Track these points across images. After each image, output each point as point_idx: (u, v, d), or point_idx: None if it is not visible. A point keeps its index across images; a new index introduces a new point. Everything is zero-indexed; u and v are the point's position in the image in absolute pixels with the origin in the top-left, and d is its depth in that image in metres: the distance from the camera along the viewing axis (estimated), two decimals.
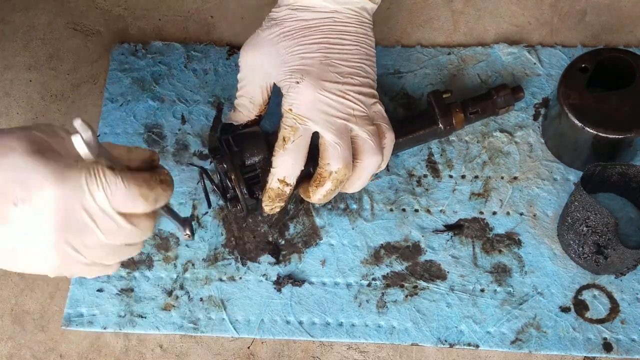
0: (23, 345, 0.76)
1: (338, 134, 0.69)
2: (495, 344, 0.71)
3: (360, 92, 0.71)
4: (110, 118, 0.84)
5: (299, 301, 0.74)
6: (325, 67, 0.71)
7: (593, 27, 0.85)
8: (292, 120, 0.69)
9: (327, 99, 0.69)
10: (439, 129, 0.76)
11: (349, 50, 0.72)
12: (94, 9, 0.92)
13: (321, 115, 0.69)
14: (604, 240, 0.69)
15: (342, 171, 0.69)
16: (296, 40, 0.72)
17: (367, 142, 0.70)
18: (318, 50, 0.72)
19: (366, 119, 0.71)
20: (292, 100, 0.70)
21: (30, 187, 0.51)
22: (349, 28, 0.73)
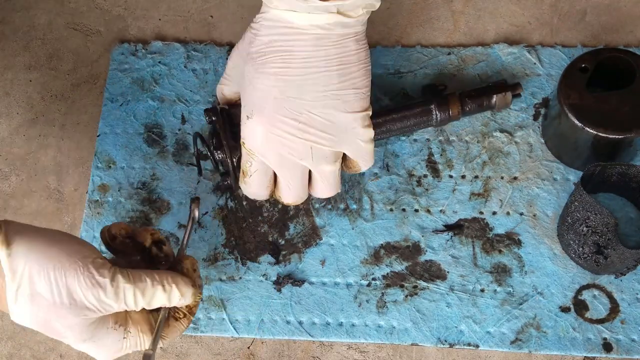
0: (23, 345, 0.76)
1: (289, 175, 0.67)
2: (495, 344, 0.71)
3: (325, 124, 0.66)
4: (110, 118, 0.84)
5: (298, 301, 0.74)
6: (279, 102, 0.65)
7: (593, 27, 0.85)
8: (246, 154, 0.68)
9: (279, 137, 0.65)
10: (435, 117, 0.76)
11: (316, 78, 0.66)
12: (94, 9, 0.92)
13: (273, 151, 0.66)
14: (604, 240, 0.69)
15: (292, 204, 0.72)
16: (256, 65, 0.67)
17: (318, 182, 0.69)
18: (275, 84, 0.66)
19: (326, 157, 0.67)
20: (244, 134, 0.68)
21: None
22: (318, 52, 0.65)
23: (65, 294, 0.57)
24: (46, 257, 0.57)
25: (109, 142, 0.83)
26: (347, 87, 0.67)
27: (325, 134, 0.66)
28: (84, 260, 0.58)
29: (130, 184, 0.81)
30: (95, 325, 0.60)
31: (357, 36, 0.67)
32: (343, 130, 0.67)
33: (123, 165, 0.81)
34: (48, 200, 0.82)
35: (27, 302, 0.57)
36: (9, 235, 0.57)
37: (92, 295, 0.58)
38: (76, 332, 0.59)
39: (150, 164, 0.81)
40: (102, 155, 0.82)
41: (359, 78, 0.68)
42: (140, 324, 0.63)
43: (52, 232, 0.60)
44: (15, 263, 0.56)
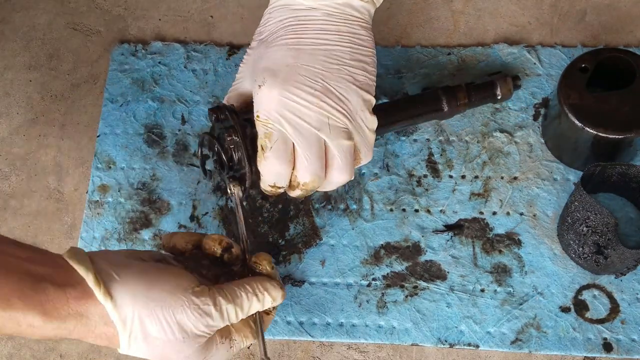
0: (23, 345, 0.76)
1: (307, 145, 0.64)
2: (495, 344, 0.71)
3: (341, 99, 0.65)
4: (110, 118, 0.84)
5: (299, 301, 0.74)
6: (293, 69, 0.64)
7: (593, 27, 0.85)
8: (262, 126, 0.64)
9: (294, 103, 0.63)
10: (443, 107, 0.76)
11: (329, 50, 0.65)
12: (94, 9, 0.92)
13: (289, 119, 0.63)
14: (604, 240, 0.69)
15: (309, 184, 0.66)
16: (267, 43, 0.67)
17: (335, 158, 0.65)
18: (287, 53, 0.65)
19: (343, 131, 0.65)
20: (257, 105, 0.64)
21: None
22: (329, 26, 0.65)
23: (177, 329, 0.59)
24: (151, 300, 0.58)
25: (109, 143, 0.83)
26: (358, 67, 0.66)
27: (341, 108, 0.64)
28: (185, 294, 0.60)
29: (130, 184, 0.81)
30: (206, 346, 0.62)
31: (365, 24, 0.67)
32: (354, 109, 0.65)
33: (123, 166, 0.81)
34: (48, 200, 0.82)
35: (141, 346, 0.59)
36: (106, 284, 0.58)
37: (201, 324, 0.60)
38: (192, 358, 0.62)
39: (150, 165, 0.81)
40: (102, 156, 0.82)
41: (368, 64, 0.67)
42: (242, 330, 0.66)
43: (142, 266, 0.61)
44: (123, 312, 0.58)
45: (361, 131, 0.66)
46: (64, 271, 0.57)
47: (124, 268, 0.60)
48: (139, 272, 0.60)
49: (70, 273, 0.57)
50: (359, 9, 0.66)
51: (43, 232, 0.80)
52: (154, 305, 0.58)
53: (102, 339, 0.58)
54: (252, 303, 0.63)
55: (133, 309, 0.58)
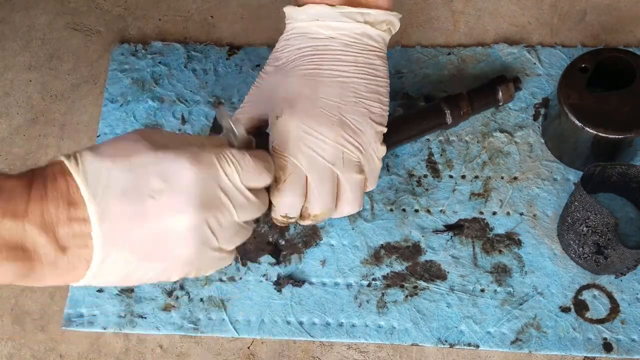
0: (23, 345, 0.76)
1: (320, 179, 0.63)
2: (495, 344, 0.71)
3: (355, 132, 0.64)
4: (110, 118, 0.84)
5: (299, 301, 0.74)
6: (311, 101, 0.63)
7: (593, 27, 0.85)
8: (278, 159, 0.63)
9: (310, 137, 0.63)
10: (447, 120, 0.76)
11: (346, 83, 0.65)
12: (94, 9, 0.92)
13: (304, 152, 0.63)
14: (604, 241, 0.69)
15: (319, 217, 0.65)
16: (286, 71, 0.66)
17: (346, 192, 0.65)
18: (306, 83, 0.64)
19: (355, 165, 0.65)
20: (274, 137, 0.64)
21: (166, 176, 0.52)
22: (347, 57, 0.65)
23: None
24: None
25: None
26: (374, 99, 0.66)
27: (355, 141, 0.64)
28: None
29: None
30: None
31: (381, 53, 0.67)
32: (367, 142, 0.65)
33: None
34: None
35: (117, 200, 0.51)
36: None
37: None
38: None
39: None
40: None
41: (383, 95, 0.67)
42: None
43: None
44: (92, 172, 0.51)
45: (371, 161, 0.67)
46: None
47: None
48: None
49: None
50: (376, 38, 0.66)
51: None
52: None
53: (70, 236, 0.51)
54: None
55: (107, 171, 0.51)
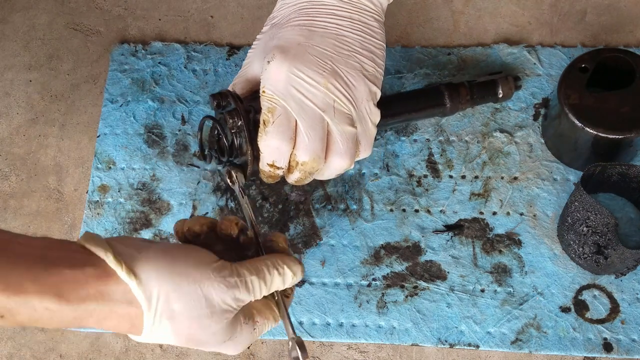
0: (23, 345, 0.76)
1: (310, 123, 0.63)
2: (495, 344, 0.71)
3: (348, 85, 0.64)
4: (110, 119, 0.84)
5: (299, 301, 0.74)
6: (304, 47, 0.64)
7: (593, 27, 0.85)
8: (267, 101, 0.64)
9: (301, 80, 0.63)
10: (446, 102, 0.76)
11: (340, 35, 0.65)
12: (94, 9, 0.92)
13: (295, 96, 0.63)
14: (604, 241, 0.69)
15: (309, 164, 0.65)
16: (281, 25, 0.67)
17: (337, 143, 0.65)
18: (300, 32, 0.65)
19: (347, 117, 0.65)
20: (264, 81, 0.64)
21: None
22: (342, 12, 0.66)
23: (204, 303, 0.57)
24: (176, 274, 0.56)
25: (109, 143, 0.83)
26: (368, 57, 0.66)
27: (347, 93, 0.64)
28: (210, 266, 0.58)
29: (130, 184, 0.81)
30: (231, 325, 0.60)
31: (377, 16, 0.68)
32: (360, 98, 0.65)
33: (123, 166, 0.81)
34: (48, 200, 0.82)
35: (166, 325, 0.56)
36: (128, 262, 0.55)
37: (228, 297, 0.58)
38: (218, 337, 0.59)
39: (150, 165, 0.81)
40: (102, 156, 0.82)
41: (377, 56, 0.67)
42: (263, 312, 0.64)
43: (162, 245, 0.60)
44: (148, 289, 0.55)
45: (364, 122, 0.66)
46: (81, 254, 0.55)
47: (143, 247, 0.57)
48: (160, 250, 0.58)
49: (88, 255, 0.55)
50: (372, 1, 0.67)
51: (43, 232, 0.80)
52: (179, 279, 0.56)
53: (124, 321, 0.55)
54: (273, 277, 0.61)
55: (158, 284, 0.55)
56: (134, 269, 0.55)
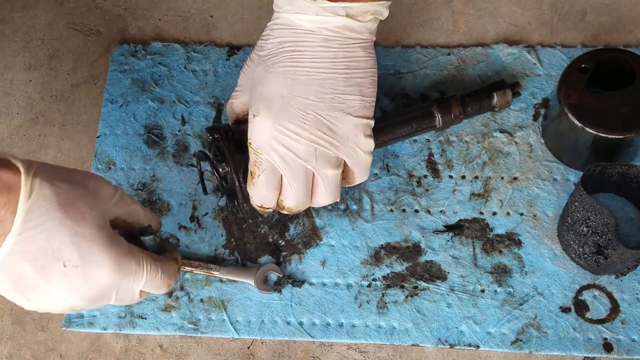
0: (23, 345, 0.76)
1: (293, 175, 0.67)
2: (495, 345, 0.71)
3: (331, 128, 0.66)
4: (110, 119, 0.84)
5: (299, 302, 0.74)
6: (287, 101, 0.65)
7: (593, 27, 0.85)
8: (253, 154, 0.67)
9: (284, 136, 0.65)
10: (437, 119, 0.77)
11: (323, 79, 0.66)
12: (94, 9, 0.92)
13: (278, 151, 0.66)
14: (604, 241, 0.69)
15: (294, 209, 0.70)
16: (266, 66, 0.67)
17: (320, 186, 0.69)
18: (283, 82, 0.66)
19: (329, 161, 0.67)
20: (250, 134, 0.67)
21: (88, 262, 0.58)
22: (325, 54, 0.66)
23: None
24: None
25: (108, 143, 0.83)
26: (354, 92, 0.67)
27: (330, 137, 0.67)
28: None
29: (130, 185, 0.81)
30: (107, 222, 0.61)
31: (365, 43, 0.68)
32: (345, 136, 0.67)
33: (123, 167, 0.81)
34: None
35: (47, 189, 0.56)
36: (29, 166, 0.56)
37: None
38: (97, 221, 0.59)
39: (150, 165, 0.81)
40: (102, 156, 0.82)
41: (365, 86, 0.68)
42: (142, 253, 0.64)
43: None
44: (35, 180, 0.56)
45: (355, 154, 0.69)
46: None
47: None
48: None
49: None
50: (359, 30, 0.67)
51: None
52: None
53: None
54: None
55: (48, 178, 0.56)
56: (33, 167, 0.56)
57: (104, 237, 0.58)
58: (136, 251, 0.62)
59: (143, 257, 0.62)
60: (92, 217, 0.58)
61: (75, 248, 0.57)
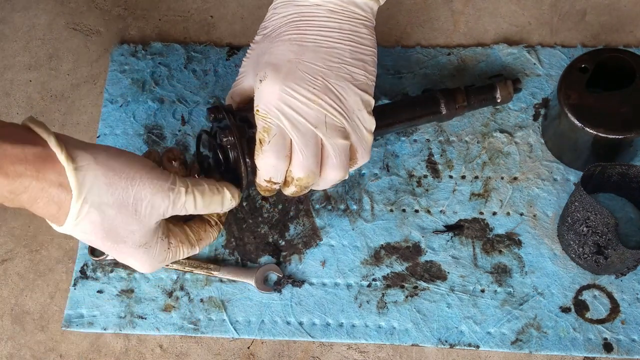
0: (23, 345, 0.76)
1: (303, 141, 0.64)
2: (495, 345, 0.71)
3: (339, 97, 0.65)
4: (110, 119, 0.84)
5: (299, 302, 0.74)
6: (295, 65, 0.65)
7: (593, 27, 0.85)
8: (261, 120, 0.65)
9: (293, 99, 0.64)
10: (442, 109, 0.76)
11: (330, 48, 0.66)
12: (94, 9, 0.92)
13: (288, 115, 0.64)
14: (604, 241, 0.69)
15: (304, 180, 0.67)
16: (271, 39, 0.68)
17: (330, 157, 0.66)
18: (290, 48, 0.66)
19: (339, 130, 0.65)
20: (257, 100, 0.65)
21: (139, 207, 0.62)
22: (331, 24, 0.66)
23: (132, 201, 0.61)
24: (111, 169, 0.60)
25: (108, 143, 0.83)
26: (358, 66, 0.67)
27: (338, 106, 0.65)
28: (145, 168, 0.62)
29: None
30: (151, 232, 0.64)
31: (367, 22, 0.68)
32: (351, 109, 0.66)
33: None
34: None
35: (93, 213, 0.60)
36: (70, 150, 0.58)
37: (158, 199, 0.62)
38: (137, 236, 0.63)
39: None
40: None
41: (368, 63, 0.67)
42: (179, 236, 0.68)
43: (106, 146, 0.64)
44: (82, 176, 0.58)
45: (358, 131, 0.67)
46: (24, 134, 0.58)
47: (88, 144, 0.61)
48: (102, 148, 0.62)
49: (31, 135, 0.58)
50: (362, 7, 0.67)
51: (43, 232, 0.80)
52: (113, 174, 0.60)
53: (53, 204, 0.59)
54: (213, 196, 0.66)
55: (93, 175, 0.59)
56: (73, 155, 0.58)
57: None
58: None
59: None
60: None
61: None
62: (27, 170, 0.56)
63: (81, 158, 0.59)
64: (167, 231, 0.67)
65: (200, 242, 0.70)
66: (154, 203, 0.62)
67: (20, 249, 0.80)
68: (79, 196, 0.59)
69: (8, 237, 0.80)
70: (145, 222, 0.62)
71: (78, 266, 0.77)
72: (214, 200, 0.66)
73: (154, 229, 0.64)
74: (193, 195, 0.64)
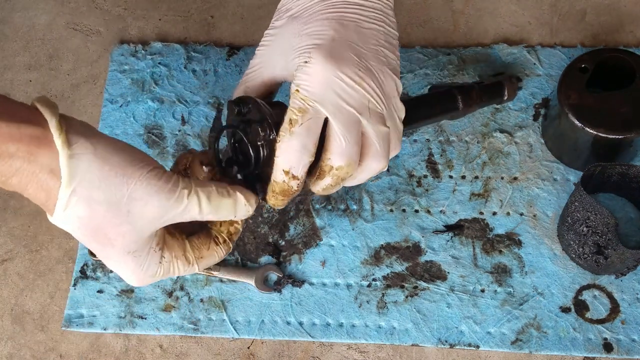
0: (23, 345, 0.76)
1: (347, 126, 0.58)
2: (495, 345, 0.71)
3: (380, 82, 0.60)
4: (110, 119, 0.84)
5: (299, 302, 0.74)
6: (340, 44, 0.59)
7: (593, 27, 0.85)
8: (299, 101, 0.58)
9: (340, 82, 0.58)
10: (459, 105, 0.74)
11: (369, 29, 0.61)
12: (94, 9, 0.92)
13: (332, 99, 0.58)
14: (604, 241, 0.69)
15: (344, 169, 0.59)
16: (305, 19, 0.61)
17: (373, 145, 0.60)
18: (332, 26, 0.60)
19: (380, 116, 0.60)
20: (299, 80, 0.58)
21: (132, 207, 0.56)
22: (367, 3, 0.61)
23: (125, 200, 0.54)
24: (109, 163, 0.54)
25: None
26: (391, 49, 0.62)
27: (379, 91, 0.60)
28: (146, 168, 0.56)
29: None
30: (144, 239, 0.57)
31: (391, 10, 0.64)
32: (388, 95, 0.61)
33: None
34: None
35: (82, 208, 0.54)
36: (70, 135, 0.53)
37: (155, 202, 0.55)
38: (127, 240, 0.56)
39: None
40: None
41: (396, 47, 0.63)
42: (174, 250, 0.60)
43: (112, 138, 0.57)
44: (75, 166, 0.53)
45: (393, 119, 0.62)
46: (27, 112, 0.53)
47: (95, 133, 0.56)
48: (109, 140, 0.56)
49: (35, 116, 0.53)
50: None
51: (43, 232, 0.80)
52: (109, 169, 0.54)
53: (42, 190, 0.53)
54: (222, 199, 0.58)
55: (88, 166, 0.53)
56: (71, 140, 0.53)
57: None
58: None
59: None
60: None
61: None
62: (19, 151, 0.51)
63: (79, 146, 0.53)
64: (162, 243, 0.59)
65: (201, 260, 0.62)
66: (150, 205, 0.55)
67: (20, 249, 0.80)
68: (68, 186, 0.53)
69: (8, 237, 0.80)
70: (138, 225, 0.56)
71: (78, 266, 0.77)
72: (222, 204, 0.58)
73: (148, 236, 0.57)
74: (197, 197, 0.57)
